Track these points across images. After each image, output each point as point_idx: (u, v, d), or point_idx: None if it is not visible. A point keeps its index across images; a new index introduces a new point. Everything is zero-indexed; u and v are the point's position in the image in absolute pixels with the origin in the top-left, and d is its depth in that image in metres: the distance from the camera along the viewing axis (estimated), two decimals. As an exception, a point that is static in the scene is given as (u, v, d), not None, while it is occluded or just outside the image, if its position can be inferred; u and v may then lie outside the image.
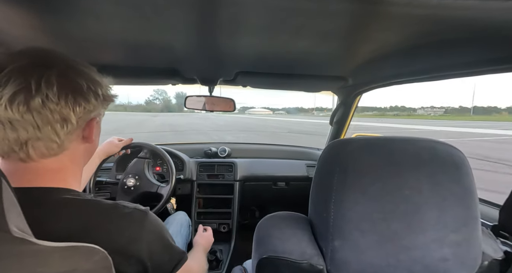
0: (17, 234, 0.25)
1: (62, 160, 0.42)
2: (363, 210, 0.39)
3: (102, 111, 0.48)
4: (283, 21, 0.46)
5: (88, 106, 0.42)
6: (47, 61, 0.39)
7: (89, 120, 0.44)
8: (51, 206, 0.39)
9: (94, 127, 0.45)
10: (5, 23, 0.50)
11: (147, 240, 0.43)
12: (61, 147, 0.41)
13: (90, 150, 0.50)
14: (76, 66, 0.42)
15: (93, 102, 0.43)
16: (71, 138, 0.42)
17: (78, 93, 0.40)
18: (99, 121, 0.49)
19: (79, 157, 0.46)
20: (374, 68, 0.81)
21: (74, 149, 0.44)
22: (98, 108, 0.45)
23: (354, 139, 0.45)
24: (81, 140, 0.45)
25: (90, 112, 0.43)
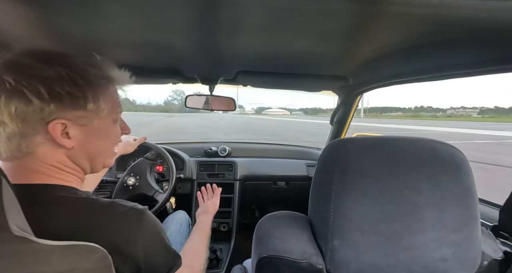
0: (18, 233, 0.25)
1: (33, 162, 0.41)
2: (363, 210, 0.39)
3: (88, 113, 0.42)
4: (283, 21, 0.46)
5: (31, 107, 0.37)
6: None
7: (48, 123, 0.39)
8: (45, 204, 0.38)
9: (59, 130, 0.40)
10: (7, 23, 0.50)
11: (144, 241, 0.42)
12: (20, 151, 0.39)
13: (81, 155, 0.45)
14: (23, 61, 0.38)
15: (36, 102, 0.37)
16: (33, 142, 0.39)
17: (8, 92, 0.36)
18: (88, 125, 0.43)
19: (63, 161, 0.43)
20: (375, 68, 0.81)
21: (49, 154, 0.41)
22: (48, 109, 0.38)
23: (354, 139, 0.45)
24: (54, 144, 0.41)
25: (38, 113, 0.38)
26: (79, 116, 0.41)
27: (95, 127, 0.44)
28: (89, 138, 0.44)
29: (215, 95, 1.19)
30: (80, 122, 0.42)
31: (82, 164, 0.46)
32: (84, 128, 0.43)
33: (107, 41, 0.61)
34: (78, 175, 0.47)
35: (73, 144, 0.42)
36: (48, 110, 0.38)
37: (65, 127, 0.41)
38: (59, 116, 0.39)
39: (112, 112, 0.47)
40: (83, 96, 0.41)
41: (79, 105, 0.41)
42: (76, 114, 0.41)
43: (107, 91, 0.45)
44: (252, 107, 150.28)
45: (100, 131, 0.46)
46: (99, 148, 0.47)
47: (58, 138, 0.40)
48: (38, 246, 0.26)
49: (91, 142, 0.45)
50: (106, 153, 0.50)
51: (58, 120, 0.39)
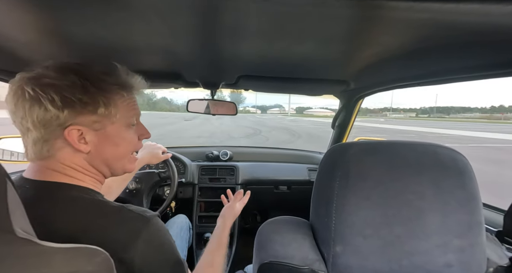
0: (21, 235, 0.25)
1: (55, 164, 0.43)
2: (365, 215, 0.39)
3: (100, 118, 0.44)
4: (284, 26, 0.47)
5: (48, 114, 0.40)
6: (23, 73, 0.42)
7: (65, 129, 0.41)
8: (56, 200, 0.40)
9: (75, 135, 0.42)
10: (13, 30, 0.51)
11: (142, 249, 0.41)
12: (43, 154, 0.42)
13: (98, 159, 0.47)
14: (42, 72, 0.41)
15: (52, 110, 0.40)
16: (53, 147, 0.42)
17: (30, 102, 0.39)
18: (101, 130, 0.45)
19: (82, 164, 0.45)
20: (376, 72, 0.82)
21: (69, 157, 0.43)
22: (63, 116, 0.41)
23: (355, 143, 0.45)
24: (72, 149, 0.43)
25: (54, 120, 0.40)
26: (93, 121, 0.44)
27: (109, 132, 0.46)
28: (104, 142, 0.46)
29: (217, 100, 1.20)
30: (94, 127, 0.44)
31: (100, 168, 0.48)
32: (98, 133, 0.45)
33: (111, 47, 0.62)
34: (97, 178, 0.48)
35: (90, 148, 0.44)
36: (63, 117, 0.41)
37: (82, 133, 0.43)
38: (74, 122, 0.42)
39: (125, 117, 0.48)
40: (93, 102, 0.43)
41: (89, 111, 0.43)
42: (89, 119, 0.43)
43: (119, 96, 0.47)
44: (291, 107, 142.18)
45: (114, 135, 0.47)
46: (114, 153, 0.48)
47: (75, 143, 0.43)
48: (41, 248, 0.26)
49: (106, 147, 0.47)
50: (123, 157, 0.50)
51: (74, 126, 0.42)
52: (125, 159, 0.51)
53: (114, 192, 0.80)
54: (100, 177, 0.49)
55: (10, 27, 0.49)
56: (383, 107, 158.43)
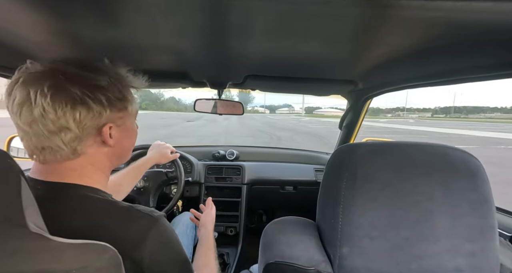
0: (34, 229, 0.26)
1: (80, 162, 0.44)
2: (373, 216, 0.38)
3: (124, 114, 0.47)
4: (291, 25, 0.47)
5: (92, 113, 0.42)
6: (49, 72, 0.40)
7: (101, 126, 0.44)
8: (68, 201, 0.41)
9: (109, 132, 0.45)
10: (24, 30, 0.52)
11: (151, 248, 0.41)
12: (75, 153, 0.43)
13: (116, 153, 0.49)
14: (75, 73, 0.42)
15: (96, 108, 0.42)
16: (86, 144, 0.43)
17: (73, 101, 0.40)
18: (124, 124, 0.49)
19: (102, 160, 0.47)
20: (385, 72, 0.80)
21: (93, 153, 0.45)
22: (106, 114, 0.43)
23: (363, 144, 0.44)
24: (100, 144, 0.45)
25: (97, 118, 0.43)
26: (119, 118, 0.47)
27: (127, 126, 0.50)
28: (124, 136, 0.50)
29: (223, 99, 1.21)
30: (118, 123, 0.47)
31: (114, 162, 0.51)
32: (120, 128, 0.48)
33: (119, 47, 0.63)
34: (106, 173, 0.50)
35: (113, 143, 0.47)
36: (105, 115, 0.43)
37: (110, 129, 0.45)
38: (109, 119, 0.44)
39: (135, 111, 0.52)
40: (126, 100, 0.47)
41: (123, 108, 0.47)
42: (117, 116, 0.46)
43: (133, 92, 0.51)
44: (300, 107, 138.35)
45: (130, 129, 0.51)
46: (129, 144, 0.52)
47: (107, 139, 0.45)
48: (52, 243, 0.27)
49: (125, 140, 0.50)
50: (131, 149, 0.54)
51: (109, 123, 0.45)
52: (130, 150, 0.55)
53: (124, 191, 0.81)
54: (108, 172, 0.51)
55: (20, 26, 0.51)
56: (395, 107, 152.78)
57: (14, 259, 0.25)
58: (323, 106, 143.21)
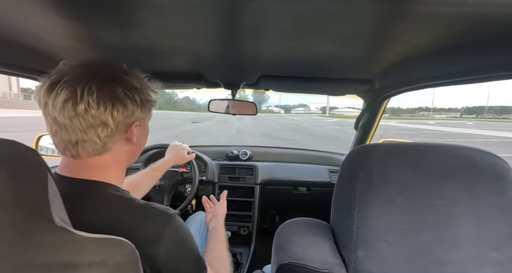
0: (59, 223, 0.27)
1: (105, 159, 0.47)
2: (390, 220, 0.37)
3: (146, 115, 0.51)
4: (306, 24, 0.46)
5: (126, 112, 0.45)
6: (92, 72, 0.43)
7: (130, 124, 0.48)
8: (91, 197, 0.44)
9: (134, 130, 0.48)
10: (51, 35, 0.56)
11: (166, 245, 0.43)
12: (104, 148, 0.46)
13: (134, 151, 0.52)
14: (117, 74, 0.46)
15: (131, 108, 0.46)
16: (114, 140, 0.46)
17: (116, 100, 0.44)
18: (144, 124, 0.53)
19: (122, 157, 0.50)
20: (404, 71, 0.77)
21: (117, 150, 0.48)
22: (137, 113, 0.47)
23: (380, 145, 0.43)
24: (124, 142, 0.48)
25: (130, 117, 0.46)
26: (142, 118, 0.50)
27: (145, 126, 0.54)
28: (142, 135, 0.53)
29: (237, 100, 1.22)
30: (141, 122, 0.51)
31: (130, 160, 0.54)
32: (141, 127, 0.52)
33: (137, 49, 0.66)
34: (124, 171, 0.53)
35: (136, 140, 0.50)
36: (136, 114, 0.47)
37: (135, 127, 0.49)
38: (137, 118, 0.48)
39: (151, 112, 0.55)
40: (152, 101, 0.51)
41: (150, 109, 0.52)
42: (142, 116, 0.50)
43: None
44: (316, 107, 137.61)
45: (146, 129, 0.55)
46: (143, 143, 0.56)
47: (134, 136, 0.49)
48: (76, 237, 0.28)
49: (142, 139, 0.54)
50: (143, 148, 0.57)
51: (136, 122, 0.49)
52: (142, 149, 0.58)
53: (142, 190, 0.85)
54: (124, 170, 0.54)
55: (49, 32, 0.54)
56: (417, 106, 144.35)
57: (41, 251, 0.26)
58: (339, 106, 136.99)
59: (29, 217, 0.26)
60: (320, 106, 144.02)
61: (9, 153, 0.27)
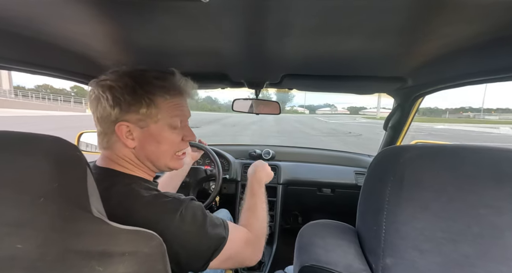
0: (97, 214, 0.30)
1: (113, 155, 0.51)
2: (423, 227, 0.35)
3: (141, 117, 0.49)
4: (333, 21, 0.45)
5: (104, 111, 0.48)
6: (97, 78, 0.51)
7: (116, 125, 0.48)
8: (107, 183, 0.47)
9: (123, 131, 0.48)
10: (94, 40, 0.60)
11: (181, 229, 0.45)
12: (106, 146, 0.51)
13: (140, 154, 0.52)
14: (106, 76, 0.50)
15: (107, 108, 0.47)
16: (111, 140, 0.50)
17: (95, 100, 0.48)
18: (148, 127, 0.50)
19: (129, 156, 0.52)
20: (442, 67, 0.71)
21: (117, 150, 0.51)
22: (113, 113, 0.47)
23: (412, 146, 0.40)
24: (122, 144, 0.50)
25: (109, 116, 0.48)
26: (138, 119, 0.50)
27: (152, 130, 0.51)
28: (148, 139, 0.51)
29: (261, 99, 1.22)
30: (140, 124, 0.50)
31: (145, 162, 0.54)
32: (143, 130, 0.51)
33: (166, 52, 0.69)
34: (144, 170, 0.54)
35: (135, 144, 0.51)
36: (114, 114, 0.48)
37: (129, 129, 0.49)
38: (122, 119, 0.49)
39: (167, 117, 0.52)
40: (137, 103, 0.49)
41: (134, 110, 0.49)
42: (135, 118, 0.49)
43: (163, 99, 0.51)
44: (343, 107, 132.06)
45: (157, 134, 0.52)
46: (156, 150, 0.53)
47: (123, 138, 0.49)
48: (110, 227, 0.31)
49: (150, 143, 0.52)
50: (164, 155, 0.54)
51: (122, 122, 0.49)
52: (167, 157, 0.55)
53: (171, 185, 0.91)
54: (148, 170, 0.55)
55: (92, 38, 0.59)
56: (458, 107, 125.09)
57: (81, 239, 0.29)
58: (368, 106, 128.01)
59: (71, 207, 0.29)
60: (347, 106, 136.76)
61: (54, 149, 0.30)
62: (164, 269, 0.35)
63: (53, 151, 0.29)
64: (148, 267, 0.33)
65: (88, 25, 0.51)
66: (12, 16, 0.46)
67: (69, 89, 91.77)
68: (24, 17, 0.46)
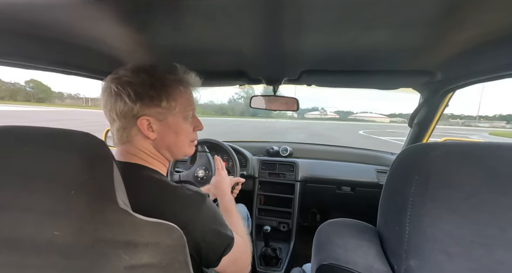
0: (122, 206, 0.32)
1: (131, 148, 0.54)
2: (451, 230, 0.33)
3: (161, 110, 0.52)
4: (354, 14, 0.43)
5: (125, 107, 0.50)
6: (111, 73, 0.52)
7: (137, 119, 0.51)
8: (132, 177, 0.49)
9: (145, 125, 0.51)
10: (116, 41, 0.63)
11: (203, 222, 0.48)
12: (125, 139, 0.53)
13: (159, 145, 0.55)
14: (122, 73, 0.51)
15: (129, 103, 0.49)
16: (131, 134, 0.52)
17: (115, 96, 0.50)
18: (166, 120, 0.53)
19: (148, 148, 0.55)
20: (476, 58, 0.66)
21: (137, 142, 0.53)
22: (136, 108, 0.50)
23: (440, 144, 0.38)
24: (142, 136, 0.53)
25: (131, 111, 0.50)
26: (157, 113, 0.53)
27: (170, 122, 0.55)
28: (167, 131, 0.55)
29: (279, 96, 1.21)
30: (159, 117, 0.53)
31: (164, 153, 0.57)
32: (162, 123, 0.54)
33: (185, 50, 0.70)
34: (162, 161, 0.58)
35: (155, 136, 0.54)
36: (136, 109, 0.51)
37: (150, 123, 0.52)
38: (144, 113, 0.52)
39: (183, 110, 0.57)
40: (158, 96, 0.52)
41: (155, 104, 0.52)
42: (155, 111, 0.52)
43: (179, 92, 0.56)
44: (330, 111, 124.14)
45: (174, 125, 0.56)
46: (174, 140, 0.57)
47: (145, 131, 0.52)
48: (135, 219, 0.32)
49: (168, 135, 0.56)
50: (181, 145, 0.59)
51: (144, 116, 0.52)
52: (185, 145, 0.60)
53: None
54: (164, 160, 0.59)
55: (113, 38, 0.62)
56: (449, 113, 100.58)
57: (109, 229, 0.31)
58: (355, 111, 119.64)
59: (99, 199, 0.31)
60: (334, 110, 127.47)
61: (85, 144, 0.32)
62: (185, 260, 0.36)
63: (84, 146, 0.31)
64: (169, 258, 0.34)
65: (111, 27, 0.54)
66: (44, 21, 0.49)
67: (23, 84, 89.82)
68: (54, 21, 0.50)
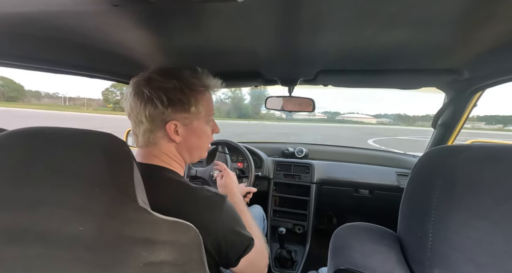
0: (142, 205, 0.33)
1: (155, 151, 0.55)
2: (481, 238, 0.30)
3: (188, 115, 0.54)
4: (373, 11, 0.42)
5: (156, 111, 0.51)
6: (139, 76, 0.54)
7: (166, 123, 0.52)
8: (155, 178, 0.51)
9: (172, 129, 0.53)
10: (138, 45, 0.66)
11: (224, 222, 0.49)
12: (150, 142, 0.54)
13: (182, 149, 0.57)
14: (153, 77, 0.53)
15: (160, 107, 0.51)
16: (157, 136, 0.54)
17: (146, 100, 0.51)
18: (191, 125, 0.56)
19: (172, 151, 0.56)
20: (507, 56, 0.61)
21: (162, 145, 0.55)
22: (167, 112, 0.52)
23: (467, 146, 0.35)
24: (168, 139, 0.55)
25: (161, 115, 0.52)
26: (184, 118, 0.55)
27: (194, 126, 0.57)
28: (190, 135, 0.57)
29: (294, 96, 1.20)
30: (185, 122, 0.55)
31: (184, 155, 0.59)
32: (187, 127, 0.56)
33: (201, 52, 0.72)
34: (181, 163, 0.60)
35: (180, 139, 0.56)
36: (167, 113, 0.52)
37: (176, 126, 0.54)
38: (173, 118, 0.53)
39: (207, 115, 0.59)
40: (188, 102, 0.54)
41: (185, 109, 0.54)
42: (182, 116, 0.54)
43: (204, 97, 0.57)
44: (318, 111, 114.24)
45: (198, 130, 0.58)
46: (197, 143, 0.59)
47: (172, 134, 0.54)
48: (154, 217, 0.33)
49: (191, 138, 0.57)
50: (202, 147, 0.61)
51: (173, 121, 0.53)
52: (204, 149, 0.62)
53: None
54: (182, 162, 0.60)
55: (136, 42, 0.64)
56: None
57: (130, 226, 0.32)
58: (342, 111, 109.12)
59: (121, 197, 0.32)
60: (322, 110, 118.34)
61: (108, 144, 0.33)
62: (200, 259, 0.37)
63: (107, 146, 0.33)
64: (186, 256, 0.35)
65: (133, 32, 0.56)
66: (72, 28, 0.52)
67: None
68: (81, 28, 0.53)
